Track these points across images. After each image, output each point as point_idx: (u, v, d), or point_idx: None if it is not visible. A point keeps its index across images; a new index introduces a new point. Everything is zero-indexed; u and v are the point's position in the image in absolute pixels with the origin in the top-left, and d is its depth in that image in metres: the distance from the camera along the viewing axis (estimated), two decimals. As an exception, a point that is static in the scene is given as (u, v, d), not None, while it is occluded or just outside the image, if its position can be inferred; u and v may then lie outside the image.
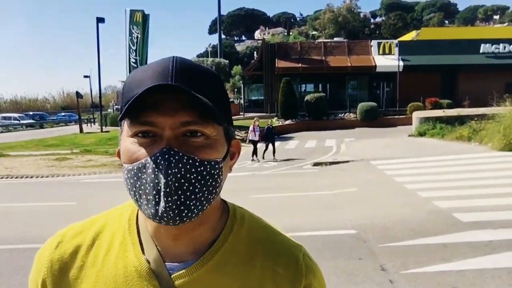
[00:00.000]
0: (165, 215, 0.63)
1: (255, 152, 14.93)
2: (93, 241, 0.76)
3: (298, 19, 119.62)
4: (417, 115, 20.23)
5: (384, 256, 4.93)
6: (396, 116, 26.51)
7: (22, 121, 39.32)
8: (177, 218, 0.64)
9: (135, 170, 0.65)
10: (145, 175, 0.64)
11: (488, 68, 29.73)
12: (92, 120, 40.48)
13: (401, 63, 29.18)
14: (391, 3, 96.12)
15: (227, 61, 25.85)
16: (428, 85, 28.75)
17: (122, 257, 0.73)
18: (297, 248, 0.79)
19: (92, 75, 41.94)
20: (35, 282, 0.77)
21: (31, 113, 45.33)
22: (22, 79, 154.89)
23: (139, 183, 0.65)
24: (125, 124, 0.68)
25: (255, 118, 16.01)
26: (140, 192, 0.65)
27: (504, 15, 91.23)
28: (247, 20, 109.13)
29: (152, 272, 0.71)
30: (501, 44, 30.76)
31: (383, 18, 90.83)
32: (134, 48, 23.85)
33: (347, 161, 12.78)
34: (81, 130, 28.47)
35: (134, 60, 23.89)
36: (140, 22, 23.90)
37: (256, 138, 14.87)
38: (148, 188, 0.64)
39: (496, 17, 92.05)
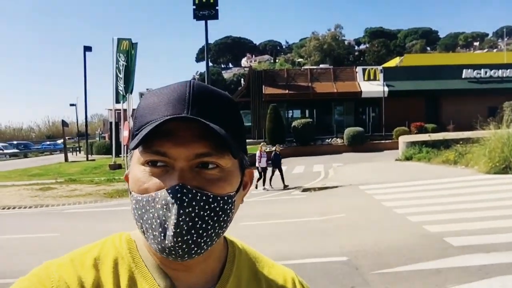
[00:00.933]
0: (173, 252, 0.61)
1: (264, 179, 14.13)
2: (96, 280, 0.66)
3: (284, 46, 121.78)
4: (403, 140, 20.41)
5: (377, 283, 4.81)
6: (383, 141, 26.72)
7: (5, 151, 38.75)
8: (186, 256, 0.62)
9: (144, 202, 0.63)
10: (153, 210, 0.62)
11: (471, 92, 30.36)
12: (77, 148, 40.12)
13: (386, 89, 29.66)
14: (374, 30, 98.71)
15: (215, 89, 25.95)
16: (412, 109, 29.21)
17: None
18: (290, 272, 0.83)
19: (78, 103, 41.68)
20: None
21: (15, 142, 44.78)
22: (6, 107, 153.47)
23: (146, 216, 0.62)
24: (136, 151, 0.65)
25: (261, 143, 15.07)
26: (147, 225, 0.62)
27: (484, 42, 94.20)
28: (234, 48, 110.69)
29: None
30: (482, 70, 31.55)
31: (367, 45, 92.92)
32: (121, 76, 23.81)
33: (336, 187, 12.73)
34: (66, 159, 28.10)
35: (121, 88, 23.80)
36: (126, 51, 24.00)
37: (265, 165, 14.07)
38: (155, 223, 0.61)
39: (476, 43, 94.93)
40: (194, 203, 0.61)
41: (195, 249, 0.62)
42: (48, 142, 50.65)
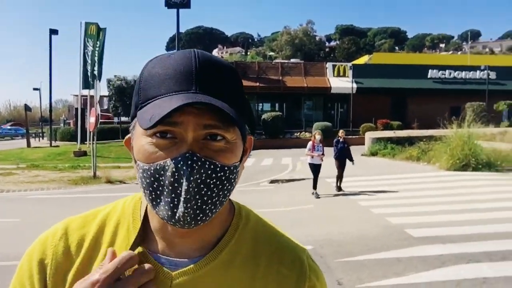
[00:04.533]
0: (182, 219, 0.62)
1: (315, 181, 10.33)
2: (97, 234, 0.75)
3: (256, 39, 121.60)
4: (369, 136, 20.91)
5: (340, 271, 4.98)
6: (350, 136, 27.20)
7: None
8: (193, 222, 0.63)
9: (152, 171, 0.63)
10: (163, 177, 0.63)
11: (435, 92, 31.36)
12: (40, 134, 38.85)
13: (355, 85, 30.21)
14: (345, 28, 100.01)
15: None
16: (379, 107, 29.89)
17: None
18: (301, 250, 0.79)
19: (42, 88, 40.27)
20: (29, 274, 0.72)
21: (-27, 126, 42.91)
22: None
23: (156, 184, 0.63)
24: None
25: (316, 131, 11.28)
26: (158, 192, 0.64)
27: (449, 44, 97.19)
28: (205, 39, 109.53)
29: (157, 266, 0.69)
30: (447, 70, 32.61)
31: (338, 42, 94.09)
32: (88, 61, 23.18)
33: (303, 179, 12.93)
34: (28, 145, 27.18)
35: (88, 73, 23.18)
36: (94, 35, 23.34)
37: (320, 161, 10.43)
38: (166, 190, 0.63)
39: (442, 45, 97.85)
40: (202, 171, 0.62)
41: (201, 215, 0.64)
42: (9, 127, 48.78)
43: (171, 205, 0.62)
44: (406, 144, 18.55)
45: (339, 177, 10.84)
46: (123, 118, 31.32)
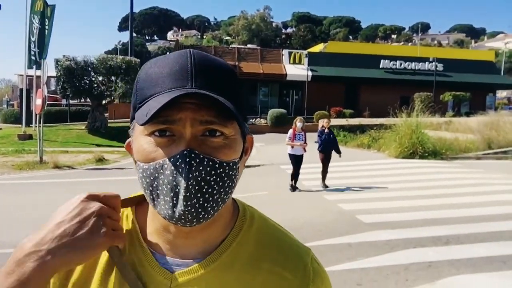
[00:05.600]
0: (182, 217, 0.62)
1: (296, 174, 9.36)
2: None
3: (212, 23, 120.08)
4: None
5: (294, 257, 5.04)
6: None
7: None
8: (194, 220, 0.63)
9: (151, 170, 0.63)
10: (162, 176, 0.63)
11: (386, 82, 32.39)
12: (-19, 116, 36.63)
13: (310, 73, 30.60)
14: (301, 15, 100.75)
15: (138, 60, 24.87)
16: (333, 95, 30.51)
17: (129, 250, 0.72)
18: (306, 252, 0.78)
19: (-17, 66, 37.80)
20: None
21: None
22: None
23: (155, 183, 0.63)
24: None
25: (297, 118, 9.91)
26: (158, 192, 0.64)
27: (401, 35, 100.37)
28: (159, 20, 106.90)
29: (158, 267, 0.70)
30: (398, 61, 33.72)
31: (294, 29, 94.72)
32: (33, 39, 21.87)
33: (258, 165, 12.99)
34: (-33, 126, 25.53)
35: (33, 53, 21.84)
36: (41, 12, 22.06)
37: (301, 152, 9.44)
38: (166, 189, 0.62)
39: (394, 36, 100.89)
40: (201, 168, 0.62)
41: (202, 213, 0.63)
42: None
43: (171, 204, 0.62)
44: (358, 132, 19.11)
45: (324, 172, 9.69)
46: (72, 101, 30.08)
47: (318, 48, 42.89)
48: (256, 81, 31.89)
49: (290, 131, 9.52)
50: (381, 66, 33.30)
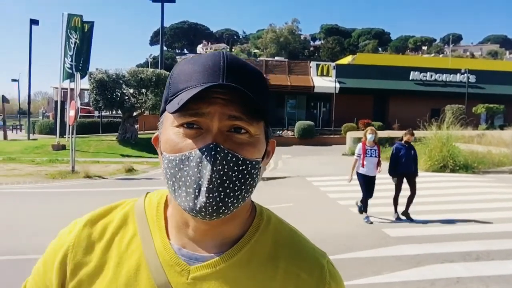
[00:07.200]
0: (203, 209, 0.64)
1: (366, 202, 7.68)
2: (121, 223, 0.77)
3: (241, 36, 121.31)
4: (351, 135, 21.09)
5: (317, 270, 4.99)
6: (331, 136, 27.44)
7: None
8: (214, 214, 0.64)
9: (177, 161, 0.65)
10: (187, 168, 0.64)
11: (416, 94, 31.79)
12: (18, 127, 38.08)
13: (338, 85, 30.40)
14: (330, 28, 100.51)
15: (168, 73, 25.49)
16: (361, 107, 30.17)
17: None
18: (322, 255, 0.79)
19: (21, 79, 39.46)
20: (53, 256, 0.76)
21: None
22: None
23: (179, 174, 0.65)
24: (169, 114, 0.68)
25: (368, 128, 8.10)
26: (180, 183, 0.65)
27: (431, 47, 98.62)
28: (190, 34, 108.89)
29: (177, 259, 0.72)
30: (428, 73, 33.08)
31: (322, 41, 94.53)
32: (70, 53, 22.70)
33: (284, 177, 12.96)
34: (5, 137, 26.58)
35: (69, 66, 22.70)
36: (79, 28, 22.89)
37: (374, 172, 7.82)
38: (189, 181, 0.64)
39: (424, 47, 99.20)
40: (225, 162, 0.64)
41: (223, 208, 0.65)
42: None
43: (193, 195, 0.64)
44: (387, 144, 18.75)
45: (398, 199, 7.87)
46: (104, 113, 30.89)
47: (346, 60, 42.64)
48: (283, 93, 31.92)
49: (359, 145, 7.94)
50: (411, 78, 32.74)
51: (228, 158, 0.64)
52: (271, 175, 13.72)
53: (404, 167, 7.83)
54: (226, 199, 0.65)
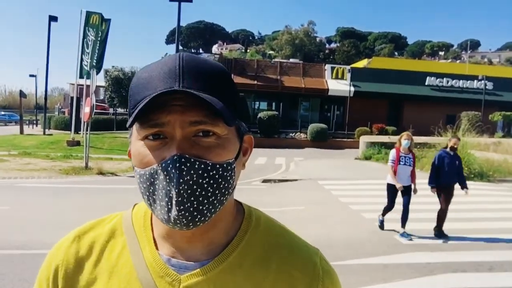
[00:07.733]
0: (178, 221, 0.63)
1: (388, 211, 7.30)
2: (109, 237, 0.77)
3: (256, 37, 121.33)
4: (364, 140, 20.92)
5: (327, 275, 4.94)
6: (345, 139, 27.28)
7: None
8: (190, 224, 0.64)
9: (147, 175, 0.64)
10: (157, 181, 0.63)
11: (432, 99, 31.43)
12: (34, 121, 38.65)
13: (352, 89, 30.22)
14: (346, 31, 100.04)
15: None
16: (375, 111, 29.94)
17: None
18: (314, 252, 0.78)
19: (38, 74, 40.03)
20: (46, 275, 0.76)
21: (-33, 109, 42.61)
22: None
23: (152, 188, 0.64)
24: (134, 127, 0.67)
25: (403, 134, 7.35)
26: (154, 197, 0.64)
27: (449, 52, 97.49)
28: (205, 34, 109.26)
29: (167, 269, 0.71)
30: (444, 79, 32.68)
31: (338, 44, 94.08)
32: (87, 50, 22.99)
33: (296, 180, 12.92)
34: (21, 131, 26.98)
35: (86, 63, 22.99)
36: (97, 25, 23.14)
37: (408, 181, 7.19)
38: (161, 194, 0.63)
39: (441, 53, 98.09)
40: (192, 171, 0.62)
41: (199, 216, 0.64)
42: (3, 113, 48.43)
43: (166, 209, 0.63)
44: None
45: (444, 215, 6.99)
46: (119, 110, 31.17)
47: (361, 63, 42.38)
48: (297, 95, 31.84)
49: (393, 151, 7.14)
50: (426, 83, 32.38)
51: (196, 166, 0.62)
52: (282, 177, 13.68)
53: (445, 178, 7.06)
54: (201, 207, 0.63)
